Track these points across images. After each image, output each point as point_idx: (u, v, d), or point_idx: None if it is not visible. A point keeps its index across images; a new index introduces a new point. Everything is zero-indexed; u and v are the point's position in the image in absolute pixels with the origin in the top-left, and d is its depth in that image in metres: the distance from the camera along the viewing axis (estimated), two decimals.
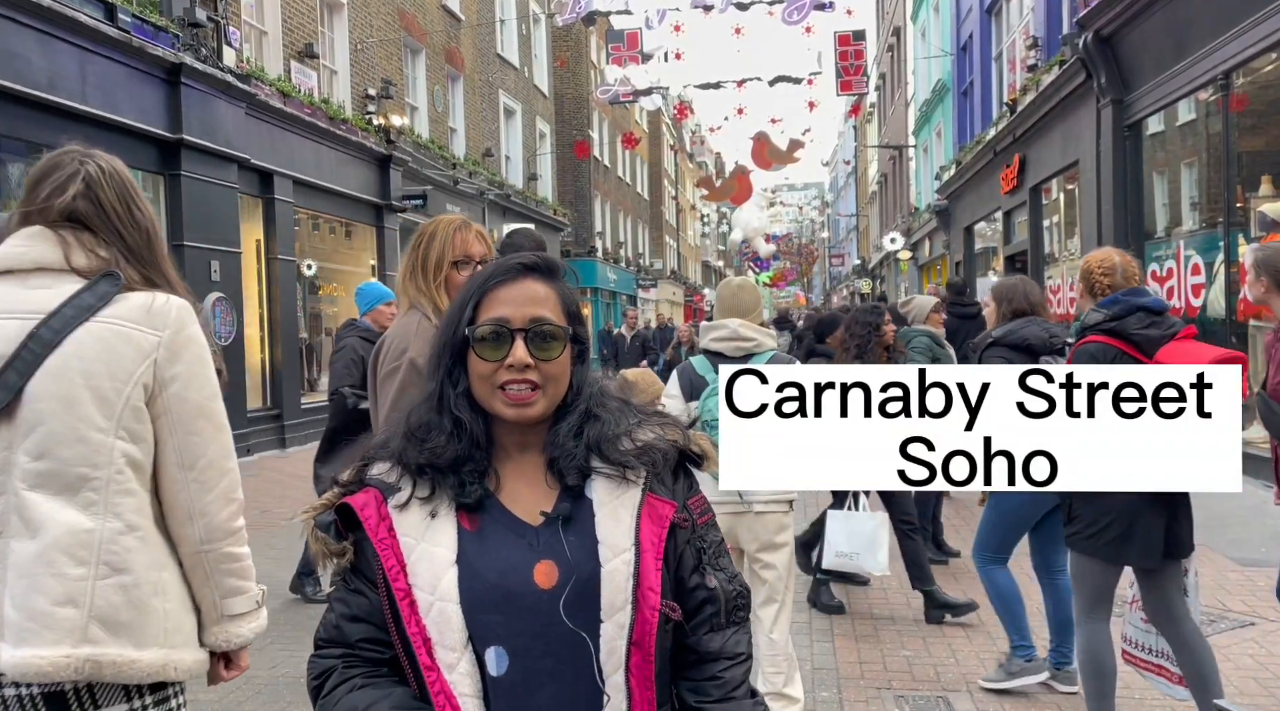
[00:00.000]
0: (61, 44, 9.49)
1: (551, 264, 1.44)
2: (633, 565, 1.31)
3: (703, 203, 61.85)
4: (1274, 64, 8.67)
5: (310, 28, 15.26)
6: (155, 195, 11.44)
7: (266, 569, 5.80)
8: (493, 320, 1.36)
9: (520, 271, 1.40)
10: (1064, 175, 14.41)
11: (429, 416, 1.39)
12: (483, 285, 1.40)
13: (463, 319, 1.38)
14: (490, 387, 1.35)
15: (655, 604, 1.31)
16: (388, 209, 17.15)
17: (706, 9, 18.26)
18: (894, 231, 32.36)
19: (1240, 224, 9.10)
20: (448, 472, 1.35)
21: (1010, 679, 4.27)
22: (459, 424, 1.37)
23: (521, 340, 1.35)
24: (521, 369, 1.34)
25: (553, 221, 28.06)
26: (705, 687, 1.40)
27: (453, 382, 1.39)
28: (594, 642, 1.31)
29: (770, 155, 23.90)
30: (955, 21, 22.82)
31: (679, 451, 1.43)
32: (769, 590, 3.80)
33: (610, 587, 1.31)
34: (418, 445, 1.36)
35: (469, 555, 1.32)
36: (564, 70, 31.25)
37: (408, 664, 1.33)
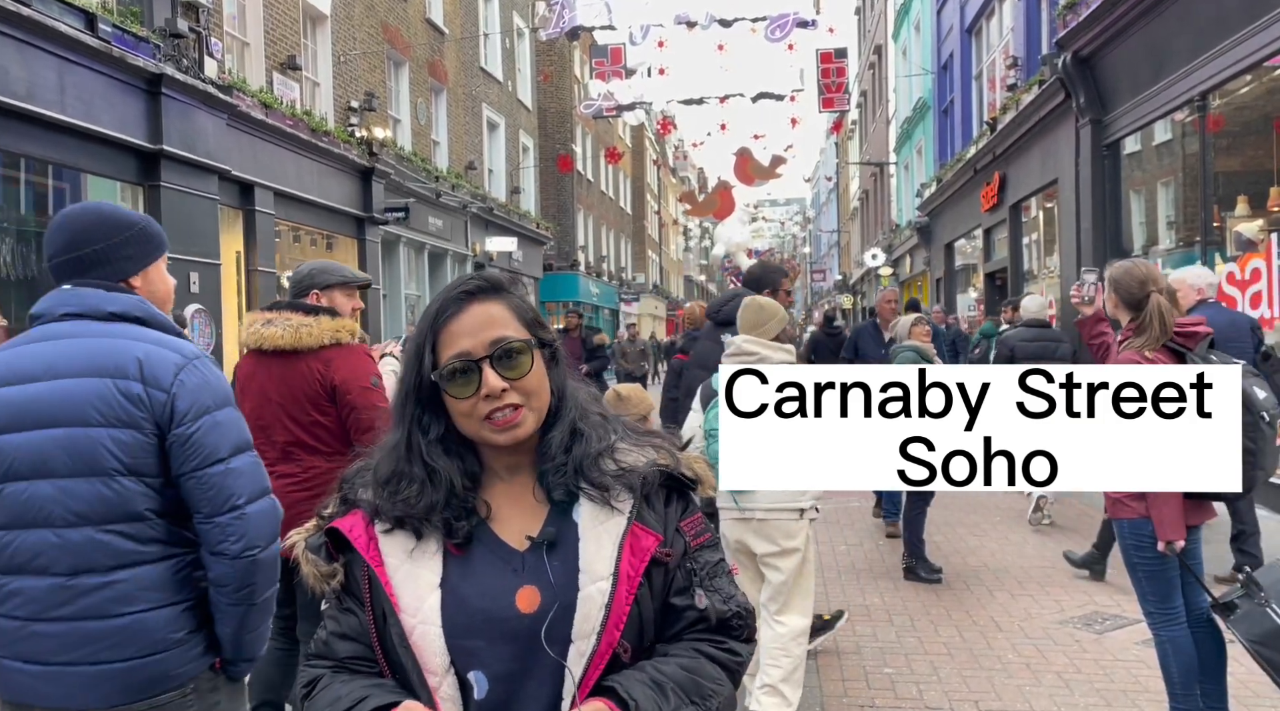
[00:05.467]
0: (40, 53, 9.41)
1: (494, 281, 1.41)
2: (608, 595, 1.30)
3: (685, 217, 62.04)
4: (1250, 85, 8.80)
5: (293, 39, 15.22)
6: (134, 206, 11.35)
7: None
8: (454, 357, 1.32)
9: (465, 298, 1.37)
10: (1043, 193, 14.55)
11: (399, 466, 1.36)
12: (433, 324, 1.36)
13: (423, 364, 1.35)
14: (476, 421, 1.33)
15: (614, 641, 1.30)
16: (370, 222, 17.09)
17: (690, 25, 18.38)
18: (875, 247, 32.55)
19: (1217, 243, 9.21)
20: (424, 520, 1.33)
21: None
22: (432, 472, 1.34)
23: (489, 366, 1.32)
24: (499, 395, 1.31)
25: (535, 235, 28.05)
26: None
27: (423, 430, 1.36)
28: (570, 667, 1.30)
29: (753, 171, 24.00)
30: (936, 41, 23.05)
31: (668, 475, 1.39)
32: (774, 590, 3.93)
33: (582, 613, 1.30)
34: (390, 498, 1.34)
35: (453, 579, 1.32)
36: (548, 84, 31.33)
37: (397, 682, 1.34)
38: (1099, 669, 4.71)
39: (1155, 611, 3.60)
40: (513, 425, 1.33)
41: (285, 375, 3.39)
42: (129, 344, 2.00)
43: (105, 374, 1.95)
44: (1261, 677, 3.71)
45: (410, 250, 19.80)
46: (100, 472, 1.93)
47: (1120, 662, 4.78)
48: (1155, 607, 3.59)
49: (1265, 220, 8.38)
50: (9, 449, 1.94)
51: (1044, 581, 6.27)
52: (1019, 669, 4.74)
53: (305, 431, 3.41)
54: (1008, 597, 5.93)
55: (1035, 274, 15.52)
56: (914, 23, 26.39)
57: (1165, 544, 3.37)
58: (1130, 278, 3.62)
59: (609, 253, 40.63)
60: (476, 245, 22.97)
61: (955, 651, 5.04)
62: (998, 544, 7.35)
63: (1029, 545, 7.28)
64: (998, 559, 6.92)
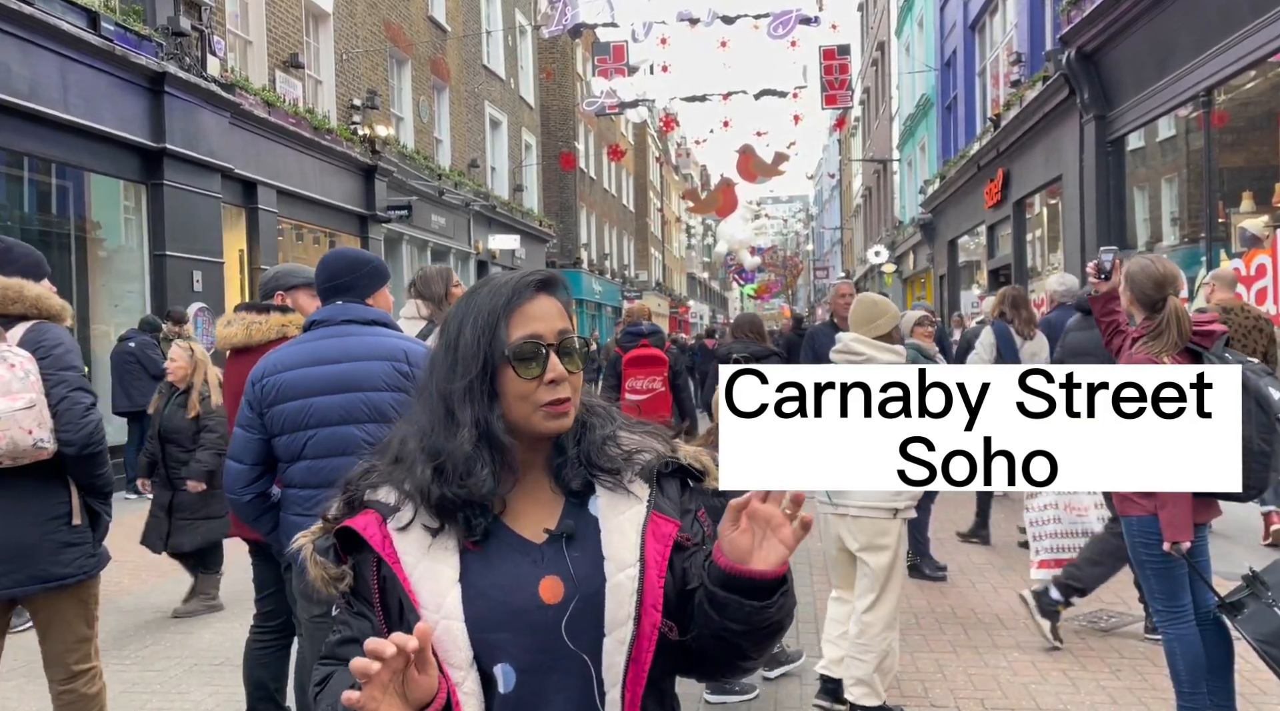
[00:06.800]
0: (43, 52, 9.43)
1: (557, 279, 1.43)
2: (637, 580, 1.30)
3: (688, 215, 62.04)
4: (1254, 81, 8.77)
5: (295, 38, 15.23)
6: (137, 204, 11.37)
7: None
8: (526, 337, 1.34)
9: (538, 287, 1.39)
10: (1047, 190, 14.53)
11: (465, 448, 1.32)
12: (507, 304, 1.36)
13: (496, 340, 1.34)
14: (530, 406, 1.33)
15: (656, 621, 1.30)
16: (372, 219, 17.11)
17: (692, 22, 18.36)
18: (878, 244, 32.52)
19: (1222, 239, 9.19)
20: (462, 508, 1.32)
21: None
22: (501, 451, 1.33)
23: (555, 354, 1.34)
24: (560, 382, 1.34)
25: (538, 232, 28.06)
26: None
27: (491, 411, 1.34)
28: (595, 660, 1.30)
29: (755, 168, 24.00)
30: (939, 37, 23.01)
31: (679, 465, 1.42)
32: (867, 584, 4.03)
33: (614, 602, 1.30)
34: (456, 481, 1.31)
35: (473, 574, 1.31)
36: (550, 82, 31.31)
37: None
38: (1105, 666, 4.70)
39: (1163, 609, 3.59)
40: (564, 415, 1.35)
41: (241, 371, 3.58)
42: (392, 339, 2.99)
43: (385, 358, 2.90)
44: (1268, 675, 3.70)
45: (413, 248, 19.82)
46: (386, 419, 2.75)
47: (1126, 660, 4.77)
48: (1163, 605, 3.58)
49: (1270, 216, 8.35)
50: (323, 405, 2.87)
51: None
52: (1024, 667, 4.73)
53: None
54: (1012, 595, 5.92)
55: (1039, 270, 15.49)
56: (917, 19, 26.34)
57: (1171, 544, 3.35)
58: (1146, 277, 3.56)
59: (611, 250, 40.64)
60: (479, 243, 22.98)
61: (960, 649, 5.04)
62: (1002, 541, 7.34)
63: None
64: (1003, 556, 6.91)
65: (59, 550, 3.05)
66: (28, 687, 4.57)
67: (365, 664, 1.11)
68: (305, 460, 2.91)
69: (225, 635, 5.41)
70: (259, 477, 2.99)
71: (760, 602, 1.24)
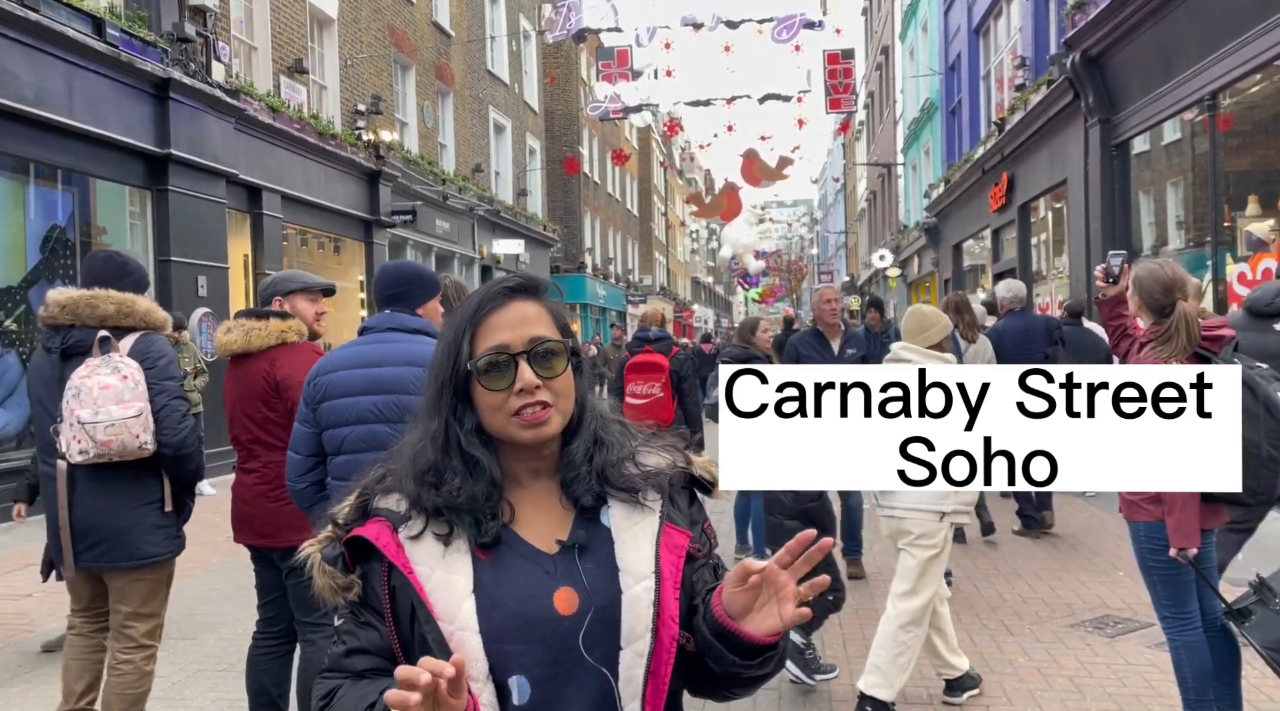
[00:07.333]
0: (49, 58, 9.46)
1: (536, 282, 1.42)
2: (654, 592, 1.29)
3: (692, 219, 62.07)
4: (1260, 85, 8.75)
5: (300, 43, 15.27)
6: (142, 210, 11.40)
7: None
8: (492, 349, 1.33)
9: (508, 294, 1.38)
10: (1051, 193, 14.50)
11: (436, 458, 1.35)
12: (474, 315, 1.37)
13: (460, 354, 1.35)
14: (504, 416, 1.33)
15: (674, 633, 1.29)
16: (377, 224, 17.14)
17: (696, 27, 18.39)
18: (883, 248, 32.49)
19: (1228, 243, 9.16)
20: (463, 512, 1.32)
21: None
22: (473, 463, 1.34)
23: (525, 362, 1.32)
24: (532, 391, 1.32)
25: (542, 237, 28.09)
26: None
27: (459, 421, 1.35)
28: (612, 672, 1.29)
29: (759, 172, 24.00)
30: (943, 41, 23.01)
31: (688, 476, 1.41)
32: (905, 573, 4.14)
33: (631, 614, 1.29)
34: (431, 489, 1.33)
35: (487, 584, 1.29)
36: (554, 87, 31.37)
37: None
38: (1111, 673, 4.68)
39: (1169, 615, 3.56)
40: (540, 422, 1.32)
41: (241, 376, 3.67)
42: (429, 346, 3.00)
43: (417, 365, 3.05)
44: (1276, 682, 3.68)
45: (418, 253, 19.84)
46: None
47: (1133, 667, 4.75)
48: (1170, 612, 3.56)
49: (1276, 220, 8.33)
50: (361, 404, 3.10)
51: (1055, 584, 6.23)
52: (1030, 672, 4.71)
53: (260, 428, 3.64)
54: (1018, 601, 5.90)
55: (1044, 274, 15.47)
56: (921, 23, 26.34)
57: (1178, 551, 3.33)
58: (1155, 282, 3.53)
59: (616, 255, 40.67)
60: (483, 247, 23.00)
61: (966, 655, 5.01)
62: (1008, 547, 7.32)
63: (1039, 548, 7.25)
64: (1008, 562, 6.88)
65: (150, 531, 3.48)
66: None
67: (404, 697, 1.08)
68: (344, 454, 3.13)
69: (228, 641, 5.41)
70: (313, 468, 3.22)
71: (744, 661, 1.25)
